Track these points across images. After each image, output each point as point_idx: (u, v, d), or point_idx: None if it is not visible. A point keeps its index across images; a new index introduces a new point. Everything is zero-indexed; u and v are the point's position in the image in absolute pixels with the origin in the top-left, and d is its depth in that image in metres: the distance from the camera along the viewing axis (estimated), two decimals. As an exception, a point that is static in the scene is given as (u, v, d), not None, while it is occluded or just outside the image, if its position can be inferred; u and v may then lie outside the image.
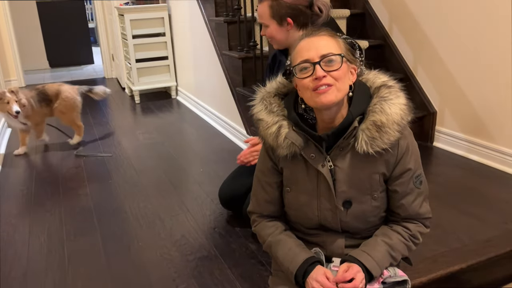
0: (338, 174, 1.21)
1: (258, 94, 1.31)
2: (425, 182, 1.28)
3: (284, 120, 1.24)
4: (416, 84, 2.91)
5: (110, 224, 2.09)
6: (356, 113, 1.17)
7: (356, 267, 1.18)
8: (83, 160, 2.98)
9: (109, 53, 6.17)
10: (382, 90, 1.19)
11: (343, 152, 1.21)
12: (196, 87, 4.14)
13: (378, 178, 1.21)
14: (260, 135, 1.28)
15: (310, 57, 1.14)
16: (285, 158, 1.26)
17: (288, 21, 1.67)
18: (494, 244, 1.73)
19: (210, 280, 1.63)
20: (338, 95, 1.15)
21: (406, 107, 1.17)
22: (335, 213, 1.24)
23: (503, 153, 2.42)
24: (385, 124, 1.14)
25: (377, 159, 1.19)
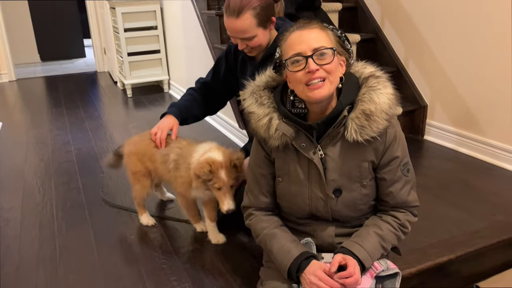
0: (329, 162, 1.23)
1: (248, 88, 1.33)
2: (412, 171, 1.30)
3: (275, 112, 1.25)
4: (408, 77, 2.92)
5: (102, 218, 2.09)
6: (345, 102, 1.19)
7: (353, 260, 1.19)
8: (75, 154, 2.96)
9: (100, 46, 6.12)
10: (370, 80, 1.22)
11: (333, 141, 1.23)
12: (189, 81, 4.12)
13: (367, 166, 1.24)
14: (252, 127, 1.29)
15: (302, 50, 1.15)
16: (277, 149, 1.27)
17: (272, 19, 1.63)
18: (482, 235, 1.76)
19: (202, 272, 1.64)
20: (331, 88, 1.17)
21: (393, 97, 1.20)
22: (326, 202, 1.25)
23: (492, 146, 2.45)
24: (374, 113, 1.16)
25: (366, 147, 1.21)
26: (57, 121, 3.78)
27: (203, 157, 1.59)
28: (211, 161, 1.57)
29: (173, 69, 4.61)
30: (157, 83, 5.01)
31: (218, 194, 1.59)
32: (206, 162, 1.56)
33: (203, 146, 1.68)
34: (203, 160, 1.58)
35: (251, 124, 1.29)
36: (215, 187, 1.58)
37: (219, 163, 1.57)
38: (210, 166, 1.55)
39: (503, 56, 2.30)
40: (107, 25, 5.12)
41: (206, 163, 1.56)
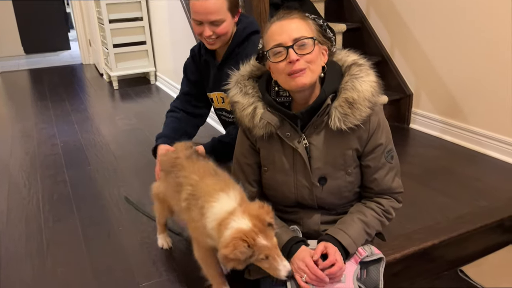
0: (313, 151, 1.25)
1: (232, 78, 1.33)
2: (396, 157, 1.32)
3: (259, 101, 1.26)
4: (393, 66, 2.94)
5: (89, 210, 2.08)
6: (329, 91, 1.20)
7: (333, 248, 1.22)
8: (61, 147, 2.94)
9: (85, 38, 6.04)
10: (353, 68, 1.23)
11: (318, 129, 1.24)
12: (176, 72, 4.10)
13: (351, 154, 1.25)
14: (237, 117, 1.30)
15: (283, 41, 1.16)
16: (261, 138, 1.28)
17: (239, 10, 1.61)
18: (465, 220, 1.79)
19: (190, 262, 1.63)
20: (312, 77, 1.18)
21: (376, 84, 1.22)
22: (311, 190, 1.27)
23: (475, 133, 2.49)
24: (357, 101, 1.18)
25: (350, 135, 1.23)
26: (42, 115, 3.73)
27: (227, 231, 1.16)
28: (243, 235, 1.14)
29: (160, 60, 4.57)
30: (143, 75, 4.97)
31: (267, 263, 1.20)
32: (239, 239, 1.13)
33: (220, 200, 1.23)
34: (231, 238, 1.14)
35: (235, 114, 1.30)
36: (261, 259, 1.19)
37: (252, 232, 1.15)
38: (245, 241, 1.14)
39: (487, 45, 2.33)
40: (92, 16, 5.04)
41: (239, 240, 1.13)
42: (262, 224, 1.17)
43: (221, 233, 1.17)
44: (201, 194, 1.28)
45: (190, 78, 1.87)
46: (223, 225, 1.18)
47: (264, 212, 1.19)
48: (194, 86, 1.89)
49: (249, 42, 1.65)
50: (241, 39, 1.64)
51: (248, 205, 1.22)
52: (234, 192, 1.25)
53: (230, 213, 1.19)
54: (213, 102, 1.81)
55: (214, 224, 1.21)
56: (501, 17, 2.22)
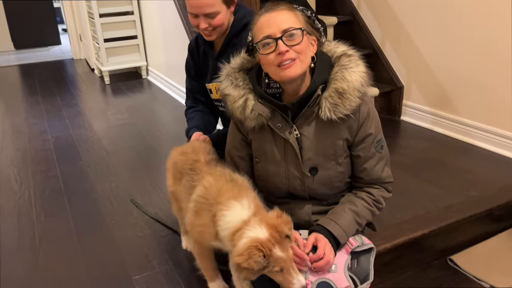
0: (304, 142, 1.26)
1: (223, 71, 1.33)
2: (386, 147, 1.33)
3: (250, 93, 1.27)
4: (384, 59, 2.95)
5: (81, 205, 2.08)
6: (319, 81, 1.21)
7: (323, 240, 1.23)
8: (52, 142, 2.92)
9: (76, 33, 5.99)
10: (342, 59, 1.23)
11: (308, 120, 1.25)
12: (167, 67, 4.08)
13: (342, 144, 1.26)
14: (228, 109, 1.30)
15: (272, 32, 1.16)
16: (253, 130, 1.29)
17: (235, 0, 1.61)
18: (455, 210, 1.81)
19: (183, 254, 1.65)
20: (302, 67, 1.18)
21: (365, 75, 1.23)
22: (302, 181, 1.28)
23: (465, 125, 2.51)
24: (347, 91, 1.19)
25: (340, 125, 1.24)
26: (33, 110, 3.71)
27: (243, 240, 1.11)
28: (259, 244, 1.09)
29: (151, 55, 4.55)
30: (135, 69, 4.94)
31: (281, 276, 1.14)
32: (255, 248, 1.08)
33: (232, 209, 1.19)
34: (246, 247, 1.09)
35: (227, 106, 1.30)
36: (275, 271, 1.14)
37: (269, 242, 1.10)
38: (261, 251, 1.09)
39: (477, 38, 2.34)
40: (82, 11, 5.00)
41: (254, 249, 1.08)
42: (279, 235, 1.12)
43: (236, 242, 1.12)
44: (212, 199, 1.23)
45: (191, 74, 1.88)
46: (238, 235, 1.13)
47: (282, 223, 1.13)
48: (196, 81, 1.89)
49: (246, 32, 1.65)
50: (239, 29, 1.64)
51: (265, 214, 1.18)
52: (248, 200, 1.20)
53: (245, 222, 1.15)
54: (211, 93, 1.81)
55: (227, 233, 1.17)
56: (490, 10, 2.24)
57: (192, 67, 1.85)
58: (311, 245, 1.22)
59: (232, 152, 1.39)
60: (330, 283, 1.21)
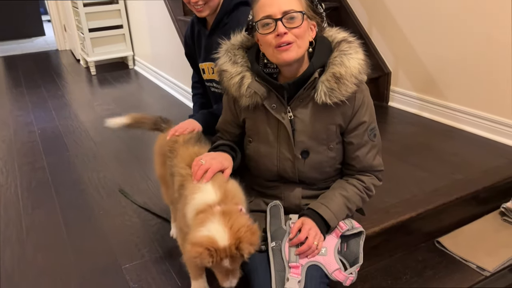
0: (298, 124, 1.26)
1: (223, 47, 1.33)
2: (379, 136, 1.34)
3: (248, 71, 1.26)
4: (371, 45, 2.96)
5: (68, 196, 2.06)
6: (317, 64, 1.21)
7: (308, 224, 1.24)
8: (38, 134, 2.88)
9: (60, 23, 5.88)
10: (342, 44, 1.23)
11: (303, 103, 1.25)
12: (154, 56, 4.04)
13: (334, 129, 1.27)
14: (224, 86, 1.30)
15: (272, 12, 1.15)
16: (247, 109, 1.29)
17: None
18: (441, 193, 1.84)
19: (172, 242, 1.65)
20: (298, 51, 1.18)
21: (364, 62, 1.23)
22: (293, 163, 1.29)
23: (452, 109, 2.53)
24: (344, 76, 1.19)
25: (334, 110, 1.24)
26: (18, 102, 3.65)
27: (203, 230, 1.06)
28: (213, 250, 1.03)
29: (137, 44, 4.50)
30: (121, 59, 4.88)
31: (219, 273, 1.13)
32: (207, 251, 1.03)
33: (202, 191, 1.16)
34: (201, 244, 1.03)
35: (223, 83, 1.30)
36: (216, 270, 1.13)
37: (224, 252, 1.04)
38: (212, 257, 1.04)
39: (462, 24, 2.35)
40: (66, 1, 4.90)
41: (207, 253, 1.03)
42: (237, 251, 1.05)
43: (196, 224, 1.08)
44: (188, 184, 1.20)
45: (190, 57, 1.90)
46: (199, 218, 1.09)
47: (248, 241, 1.05)
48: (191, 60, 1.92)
49: (238, 12, 1.65)
50: (230, 8, 1.64)
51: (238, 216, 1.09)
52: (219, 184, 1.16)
53: (209, 205, 1.11)
54: (204, 73, 1.81)
55: (192, 214, 1.13)
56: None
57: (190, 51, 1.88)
58: (296, 231, 1.24)
59: (224, 127, 1.40)
60: (320, 266, 1.23)
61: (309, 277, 1.19)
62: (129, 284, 1.44)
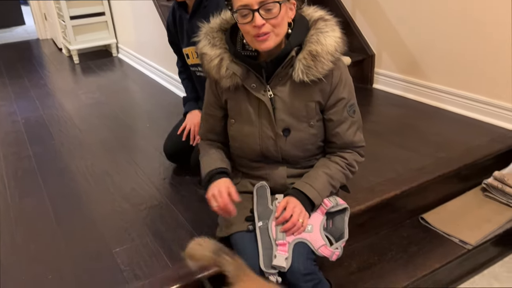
0: (278, 102, 1.28)
1: (202, 30, 1.33)
2: (358, 113, 1.37)
3: (226, 53, 1.28)
4: (355, 28, 2.97)
5: (56, 184, 2.05)
6: (294, 43, 1.23)
7: (293, 202, 1.28)
8: (22, 123, 2.85)
9: (40, 12, 5.76)
10: (319, 23, 1.25)
11: (282, 81, 1.27)
12: (138, 43, 4.00)
13: (314, 106, 1.29)
14: (205, 69, 1.31)
15: (250, 2, 1.16)
16: (228, 90, 1.31)
17: None
18: (425, 171, 1.88)
19: (162, 225, 1.67)
20: (276, 39, 1.20)
21: (340, 40, 1.25)
22: (275, 141, 1.31)
23: (435, 90, 2.58)
24: (320, 54, 1.21)
25: (312, 87, 1.26)
26: (0, 92, 3.59)
27: None
28: None
29: (121, 32, 4.44)
30: (105, 47, 4.81)
31: None
32: None
33: None
34: None
35: (203, 66, 1.31)
36: None
37: None
38: None
39: (443, 6, 2.38)
40: (45, -13, 4.80)
41: None
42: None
43: None
44: None
45: (173, 44, 1.93)
46: None
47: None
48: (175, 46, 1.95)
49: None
50: None
51: None
52: None
53: None
54: (188, 58, 1.82)
55: None
56: (456, -27, 2.27)
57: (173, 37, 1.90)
58: (281, 210, 1.27)
59: (207, 110, 1.42)
60: (307, 243, 1.26)
61: (296, 254, 1.22)
62: (120, 267, 1.45)
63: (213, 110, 1.40)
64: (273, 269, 1.20)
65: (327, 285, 1.29)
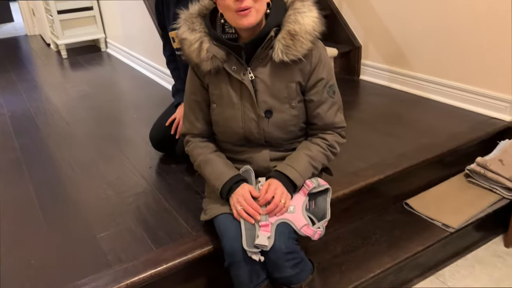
0: (259, 84, 1.29)
1: (181, 16, 1.34)
2: (338, 93, 1.38)
3: (206, 36, 1.28)
4: (342, 20, 2.99)
5: (41, 173, 2.04)
6: (272, 24, 1.24)
7: (274, 184, 1.29)
8: (8, 116, 2.83)
9: (28, 8, 5.71)
10: (296, 3, 1.27)
11: (263, 63, 1.28)
12: (126, 37, 3.98)
13: (294, 86, 1.30)
14: (185, 54, 1.31)
15: None
16: (209, 74, 1.31)
17: None
18: (409, 157, 1.90)
19: (147, 211, 1.67)
20: (257, 16, 1.21)
21: (318, 20, 1.26)
22: (258, 123, 1.32)
23: (419, 79, 2.60)
24: (298, 33, 1.22)
25: (293, 68, 1.28)
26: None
27: None
28: None
29: (109, 26, 4.42)
30: (93, 42, 4.79)
31: None
32: None
33: None
34: None
35: (184, 51, 1.31)
36: None
37: None
38: None
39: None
40: (32, -18, 4.76)
41: None
42: None
43: None
44: None
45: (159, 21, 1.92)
46: None
47: None
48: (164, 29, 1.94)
49: None
50: None
51: None
52: None
53: None
54: (174, 42, 1.82)
55: None
56: (440, -37, 2.30)
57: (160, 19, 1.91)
58: (264, 192, 1.28)
59: (190, 97, 1.42)
60: (289, 223, 1.27)
61: (278, 233, 1.23)
62: (103, 251, 1.45)
63: (199, 94, 1.38)
64: (255, 248, 1.21)
65: (309, 264, 1.30)
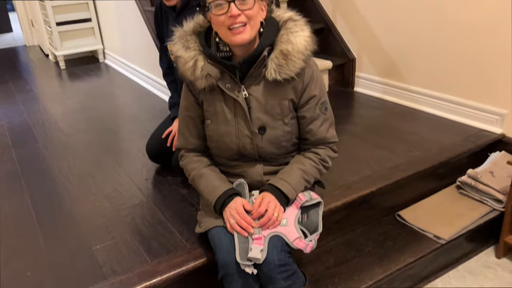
0: (252, 102, 1.33)
1: (176, 33, 1.37)
2: (330, 110, 1.42)
3: (200, 55, 1.31)
4: (336, 33, 3.04)
5: (39, 185, 2.07)
6: (265, 43, 1.27)
7: (267, 198, 1.32)
8: (6, 127, 2.86)
9: (27, 18, 5.77)
10: (288, 23, 1.30)
11: (256, 81, 1.32)
12: (124, 48, 4.03)
13: (287, 104, 1.34)
14: (180, 72, 1.34)
15: None
16: (204, 91, 1.34)
17: None
18: (401, 169, 1.93)
19: (142, 224, 1.69)
20: (251, 32, 1.24)
21: (310, 39, 1.30)
22: (252, 139, 1.35)
23: (412, 92, 2.65)
24: (291, 53, 1.26)
25: (286, 86, 1.31)
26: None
27: None
28: None
29: (107, 37, 4.47)
30: (91, 53, 4.84)
31: None
32: None
33: None
34: None
35: (179, 69, 1.34)
36: None
37: None
38: None
39: (420, 11, 2.46)
40: (32, -6, 4.82)
41: None
42: None
43: None
44: None
45: (157, 32, 1.97)
46: None
47: None
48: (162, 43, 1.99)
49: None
50: None
51: None
52: None
53: None
54: (172, 54, 1.86)
55: None
56: (431, -21, 2.35)
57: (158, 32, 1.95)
58: (257, 205, 1.30)
59: (184, 113, 1.45)
60: (282, 236, 1.29)
61: (271, 246, 1.25)
62: (99, 263, 1.47)
63: (194, 110, 1.40)
64: (248, 261, 1.23)
65: (301, 276, 1.33)
